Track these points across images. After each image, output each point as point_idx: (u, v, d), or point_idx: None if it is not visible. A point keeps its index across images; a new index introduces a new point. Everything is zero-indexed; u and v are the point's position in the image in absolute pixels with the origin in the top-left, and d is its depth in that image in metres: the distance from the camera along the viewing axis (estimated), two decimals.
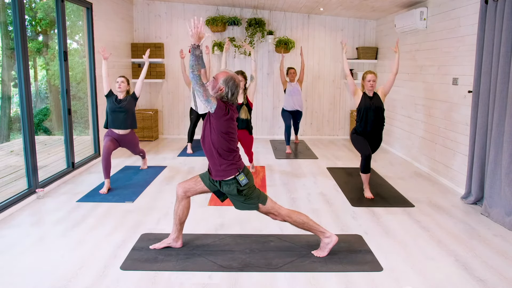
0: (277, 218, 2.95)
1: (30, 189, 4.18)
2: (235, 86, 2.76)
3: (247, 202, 2.89)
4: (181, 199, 2.98)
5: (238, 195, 2.86)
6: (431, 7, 5.25)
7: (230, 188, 2.84)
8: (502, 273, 2.74)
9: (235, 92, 2.77)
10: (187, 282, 2.61)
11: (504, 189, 3.59)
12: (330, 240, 2.93)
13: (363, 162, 4.23)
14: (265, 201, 2.91)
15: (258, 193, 2.92)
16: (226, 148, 2.78)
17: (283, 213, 2.93)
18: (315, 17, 7.59)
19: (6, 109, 6.68)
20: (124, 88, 4.67)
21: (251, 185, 2.88)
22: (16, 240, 3.22)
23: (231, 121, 2.77)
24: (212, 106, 2.68)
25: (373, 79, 4.25)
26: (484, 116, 3.92)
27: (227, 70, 2.84)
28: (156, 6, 7.53)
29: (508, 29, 3.54)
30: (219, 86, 2.76)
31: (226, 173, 2.81)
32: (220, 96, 2.77)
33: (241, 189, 2.84)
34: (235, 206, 2.97)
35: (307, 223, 2.93)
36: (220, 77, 2.76)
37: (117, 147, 4.69)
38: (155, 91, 7.77)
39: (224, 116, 2.72)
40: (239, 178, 2.81)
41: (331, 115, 7.90)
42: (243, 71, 4.83)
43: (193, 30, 2.60)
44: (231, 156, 2.81)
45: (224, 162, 2.79)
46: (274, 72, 7.71)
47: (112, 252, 3.01)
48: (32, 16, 7.09)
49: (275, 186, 4.72)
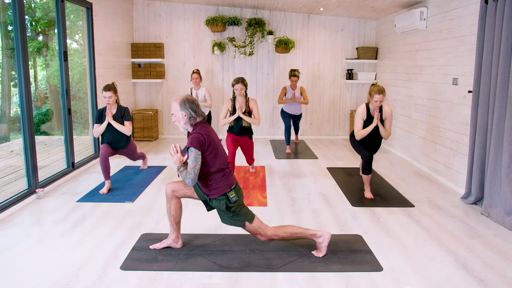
0: (263, 238, 2.94)
1: (30, 189, 4.18)
2: (190, 102, 2.79)
3: (234, 218, 2.89)
4: (170, 198, 2.98)
5: (227, 211, 2.87)
6: (431, 7, 5.25)
7: (219, 203, 2.85)
8: (502, 273, 2.74)
9: (195, 108, 2.80)
10: (187, 282, 2.61)
11: (504, 189, 3.59)
12: (323, 239, 2.93)
13: (365, 163, 4.23)
14: (252, 220, 2.90)
15: (246, 211, 2.92)
16: (215, 169, 2.80)
17: (269, 233, 2.91)
18: (315, 17, 7.59)
19: (6, 109, 6.67)
20: (112, 101, 4.46)
21: (240, 203, 2.89)
22: (16, 240, 3.22)
23: (212, 144, 2.78)
24: (198, 157, 2.72)
25: (380, 100, 4.03)
26: (484, 116, 3.92)
27: (173, 100, 2.86)
28: (156, 6, 7.53)
29: (508, 29, 3.54)
30: (181, 115, 2.79)
31: (217, 191, 2.82)
32: (189, 120, 2.80)
33: (230, 206, 2.84)
34: (221, 219, 2.96)
35: (295, 233, 2.92)
36: (175, 109, 2.80)
37: (114, 153, 4.67)
38: (155, 91, 7.78)
39: (207, 149, 2.75)
40: (230, 195, 2.82)
41: (331, 115, 7.91)
42: (243, 78, 4.68)
43: (175, 157, 2.80)
44: (221, 174, 2.82)
45: (215, 180, 2.81)
46: (274, 72, 7.71)
47: (112, 252, 3.01)
48: (32, 16, 7.09)
49: (275, 186, 4.72)
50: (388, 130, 4.20)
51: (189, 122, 2.81)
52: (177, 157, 2.80)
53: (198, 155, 2.71)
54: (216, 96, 7.75)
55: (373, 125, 4.14)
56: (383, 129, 4.16)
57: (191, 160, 2.71)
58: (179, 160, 2.80)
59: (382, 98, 4.03)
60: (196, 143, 2.71)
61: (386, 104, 4.25)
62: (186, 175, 2.72)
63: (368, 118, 4.19)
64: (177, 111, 2.79)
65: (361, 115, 4.18)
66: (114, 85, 4.54)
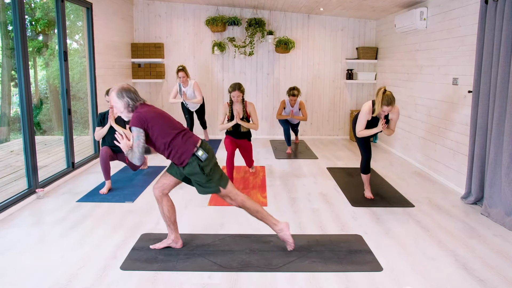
0: (233, 203, 2.97)
1: (30, 189, 4.18)
2: (127, 91, 2.81)
3: (209, 183, 2.86)
4: (160, 199, 2.99)
5: (202, 174, 2.83)
6: (431, 7, 5.25)
7: (192, 167, 2.82)
8: (502, 273, 2.74)
9: (133, 95, 2.82)
10: (187, 282, 2.61)
11: (504, 189, 3.59)
12: (281, 229, 2.98)
13: (364, 163, 4.22)
14: (226, 184, 2.92)
15: (221, 174, 2.93)
16: (172, 136, 2.80)
17: (239, 199, 2.96)
18: (315, 17, 7.59)
19: (6, 109, 6.67)
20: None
21: (212, 161, 2.87)
22: (16, 240, 3.22)
23: (154, 116, 2.79)
24: (140, 134, 2.75)
25: (389, 110, 3.83)
26: (484, 116, 3.92)
27: (110, 91, 2.87)
28: (156, 6, 7.53)
29: (508, 29, 3.54)
30: (121, 105, 2.81)
31: (186, 155, 2.80)
32: (129, 108, 2.82)
33: (202, 165, 2.81)
34: (198, 190, 2.95)
35: (261, 212, 2.99)
36: (113, 101, 2.82)
37: (115, 158, 4.63)
38: (155, 91, 7.78)
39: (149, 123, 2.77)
40: (198, 154, 2.81)
41: (331, 115, 7.90)
42: (240, 85, 4.56)
43: (122, 143, 2.82)
44: (180, 137, 2.82)
45: (178, 145, 2.80)
46: (274, 72, 7.71)
47: (112, 252, 3.01)
48: (32, 16, 7.10)
49: (275, 186, 4.72)
50: (393, 129, 4.12)
51: (130, 109, 2.84)
52: (124, 143, 2.82)
53: (140, 133, 2.74)
54: (216, 96, 7.75)
55: (377, 130, 4.02)
56: (387, 129, 4.11)
57: (134, 140, 2.75)
58: (127, 145, 2.82)
59: (391, 109, 3.82)
60: (135, 122, 2.74)
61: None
62: (133, 155, 2.77)
63: (372, 118, 4.03)
64: (116, 102, 2.82)
65: (366, 116, 4.00)
66: None
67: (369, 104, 4.01)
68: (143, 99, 2.90)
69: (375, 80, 7.58)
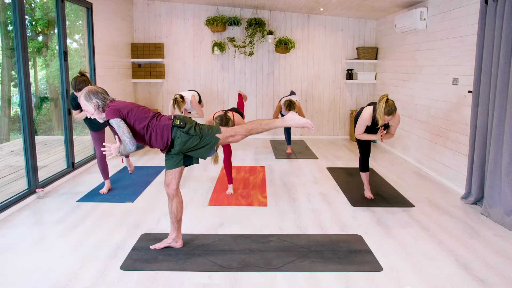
0: (239, 137, 2.89)
1: (30, 189, 4.18)
2: (94, 93, 2.82)
3: (205, 139, 2.83)
4: (172, 196, 2.99)
5: (192, 136, 2.81)
6: (431, 7, 5.25)
7: (179, 136, 2.81)
8: (502, 273, 2.74)
9: (101, 95, 2.83)
10: (187, 282, 2.61)
11: (504, 189, 3.59)
12: (289, 118, 2.89)
13: (362, 161, 4.22)
14: (219, 129, 2.88)
15: (208, 126, 2.91)
16: (146, 121, 2.80)
17: (239, 130, 2.88)
18: (315, 17, 7.59)
19: (6, 109, 6.67)
20: None
21: (193, 122, 2.87)
22: (16, 240, 3.22)
23: (126, 106, 2.82)
24: (120, 122, 2.74)
25: (389, 120, 3.79)
26: (484, 116, 3.92)
27: (79, 97, 2.87)
28: (156, 6, 7.53)
29: (508, 29, 3.54)
30: (91, 107, 2.82)
31: (166, 130, 2.80)
32: (99, 109, 2.83)
33: (186, 130, 2.81)
34: (202, 156, 2.91)
35: (265, 123, 2.89)
36: (83, 104, 2.83)
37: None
38: (155, 91, 7.78)
39: (124, 111, 2.79)
40: (176, 123, 2.81)
41: (331, 115, 7.90)
42: (228, 119, 4.07)
43: (112, 148, 2.80)
44: (154, 119, 2.83)
45: (156, 126, 2.80)
46: (274, 72, 7.71)
47: (112, 252, 3.01)
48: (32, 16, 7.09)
49: (275, 186, 4.72)
50: (392, 133, 4.11)
51: (100, 110, 2.85)
52: (113, 148, 2.80)
53: (120, 122, 2.73)
54: (216, 96, 7.75)
55: (376, 138, 4.00)
56: (386, 135, 4.08)
57: (118, 130, 2.73)
58: (116, 148, 2.80)
59: (392, 118, 3.79)
60: (111, 114, 2.74)
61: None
62: (124, 145, 2.74)
63: (372, 122, 3.97)
64: (85, 105, 2.83)
65: (366, 123, 3.95)
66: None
67: (369, 111, 3.93)
68: (112, 97, 2.92)
69: (375, 80, 7.57)
